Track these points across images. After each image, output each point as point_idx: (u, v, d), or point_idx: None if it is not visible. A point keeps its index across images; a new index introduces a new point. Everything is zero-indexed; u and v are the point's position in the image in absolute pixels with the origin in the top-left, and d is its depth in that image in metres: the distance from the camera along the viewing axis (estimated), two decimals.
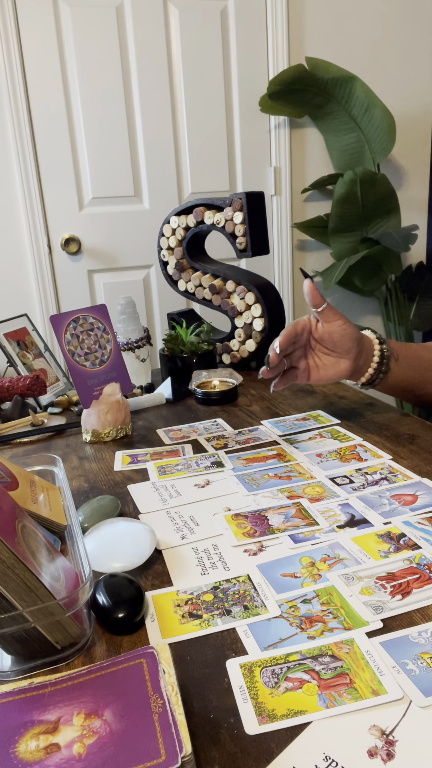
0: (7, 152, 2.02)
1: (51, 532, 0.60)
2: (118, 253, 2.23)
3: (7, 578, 0.41)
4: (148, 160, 2.17)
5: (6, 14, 1.92)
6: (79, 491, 0.74)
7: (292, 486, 0.69)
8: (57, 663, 0.44)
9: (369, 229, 2.15)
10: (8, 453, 0.89)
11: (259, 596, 0.50)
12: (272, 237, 2.36)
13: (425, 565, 0.52)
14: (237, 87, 2.19)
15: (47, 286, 2.16)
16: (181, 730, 0.34)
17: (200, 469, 0.76)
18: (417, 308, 2.36)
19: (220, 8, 2.12)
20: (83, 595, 0.43)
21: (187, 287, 1.31)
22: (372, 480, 0.69)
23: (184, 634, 0.46)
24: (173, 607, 0.50)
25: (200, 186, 2.24)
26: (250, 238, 1.15)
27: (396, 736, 0.36)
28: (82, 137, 2.08)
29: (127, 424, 0.92)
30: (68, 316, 0.94)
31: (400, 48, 2.28)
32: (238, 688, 0.40)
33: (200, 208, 1.23)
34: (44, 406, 1.08)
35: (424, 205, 2.47)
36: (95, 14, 2.01)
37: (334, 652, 0.43)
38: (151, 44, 2.07)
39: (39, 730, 0.35)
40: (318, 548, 0.56)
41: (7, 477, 0.61)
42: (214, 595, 0.50)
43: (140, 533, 0.57)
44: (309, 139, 2.28)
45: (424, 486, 0.66)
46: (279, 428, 0.89)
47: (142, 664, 0.39)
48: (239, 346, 1.24)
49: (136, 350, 1.16)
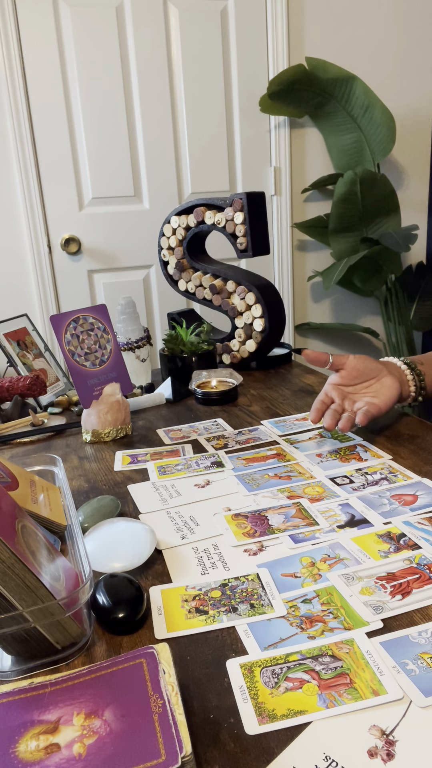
0: (7, 152, 2.02)
1: (51, 532, 0.60)
2: (118, 253, 2.23)
3: (7, 578, 0.41)
4: (148, 160, 2.17)
5: (6, 14, 1.92)
6: (79, 491, 0.74)
7: (292, 486, 0.69)
8: (57, 663, 0.44)
9: (369, 229, 2.15)
10: (8, 453, 0.89)
11: (266, 595, 0.50)
12: (272, 237, 2.35)
13: (425, 565, 0.52)
14: (237, 87, 2.19)
15: (47, 286, 2.16)
16: (181, 730, 0.34)
17: (200, 469, 0.76)
18: (417, 308, 2.36)
19: (220, 8, 2.12)
20: (83, 595, 0.43)
21: (188, 287, 1.31)
22: (372, 480, 0.69)
23: (189, 628, 0.46)
24: (181, 601, 0.50)
25: (200, 186, 2.24)
26: (251, 238, 1.15)
27: (396, 736, 0.36)
28: (82, 137, 2.08)
29: (127, 424, 0.92)
30: (68, 316, 0.94)
31: (400, 48, 2.28)
32: (238, 688, 0.40)
33: (201, 208, 1.23)
34: (44, 406, 1.08)
35: (424, 205, 2.47)
36: (95, 14, 2.00)
37: (334, 652, 0.43)
38: (151, 44, 2.07)
39: (39, 730, 0.35)
40: (318, 548, 0.56)
41: (7, 477, 0.61)
42: (221, 592, 0.51)
43: (140, 533, 0.57)
44: (309, 139, 2.28)
45: (424, 486, 0.66)
46: (279, 428, 0.89)
47: (142, 664, 0.39)
48: (239, 347, 1.24)
49: (136, 350, 1.16)
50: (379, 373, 0.82)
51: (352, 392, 0.83)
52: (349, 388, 0.83)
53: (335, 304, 2.49)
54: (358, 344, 2.56)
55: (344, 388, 0.83)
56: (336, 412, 0.78)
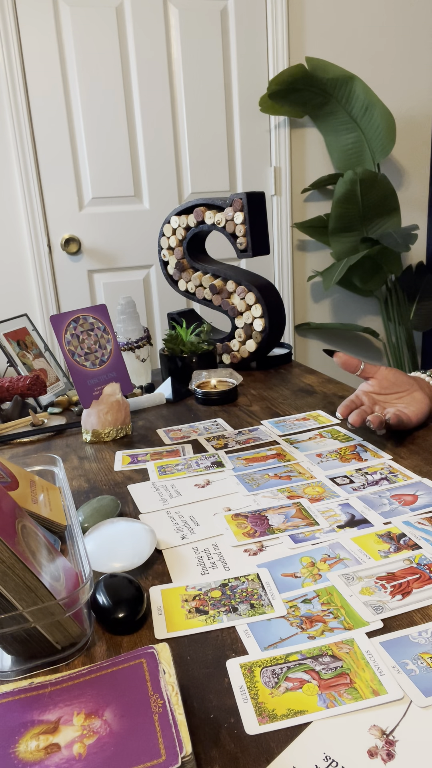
0: (7, 152, 2.02)
1: (51, 532, 0.60)
2: (118, 253, 2.23)
3: (7, 578, 0.41)
4: (148, 160, 2.17)
5: (6, 14, 1.92)
6: (79, 491, 0.74)
7: (292, 486, 0.69)
8: (57, 663, 0.44)
9: (369, 229, 2.15)
10: (8, 453, 0.89)
11: (266, 595, 0.50)
12: (272, 237, 2.35)
13: (425, 565, 0.52)
14: (237, 87, 2.19)
15: (47, 286, 2.16)
16: (182, 730, 0.34)
17: (200, 469, 0.76)
18: (417, 308, 2.36)
19: (220, 8, 2.12)
20: (83, 595, 0.43)
21: (188, 287, 1.31)
22: (372, 480, 0.69)
23: (189, 628, 0.46)
24: (181, 601, 0.50)
25: (200, 186, 2.24)
26: (251, 238, 1.15)
27: (396, 736, 0.36)
28: (82, 137, 2.08)
29: (127, 424, 0.92)
30: (68, 316, 0.94)
31: (400, 48, 2.28)
32: (239, 688, 0.40)
33: (201, 208, 1.23)
34: (44, 406, 1.08)
35: (424, 205, 2.47)
36: (95, 14, 2.00)
37: (334, 652, 0.43)
38: (151, 44, 2.07)
39: (39, 730, 0.35)
40: (318, 548, 0.56)
41: (7, 477, 0.61)
42: (222, 592, 0.51)
43: (140, 533, 0.57)
44: (309, 139, 2.28)
45: (424, 486, 0.66)
46: (279, 428, 0.89)
47: (142, 664, 0.39)
48: (239, 347, 1.24)
49: (136, 350, 1.16)
50: (410, 387, 0.83)
51: (383, 401, 0.83)
52: (380, 396, 0.83)
53: (335, 304, 2.49)
54: (358, 344, 2.56)
55: (375, 395, 0.83)
56: (364, 411, 0.77)
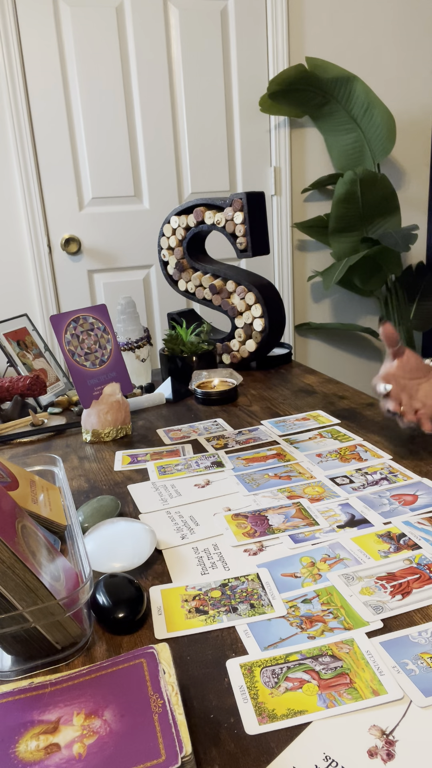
0: (7, 152, 2.02)
1: (51, 532, 0.60)
2: (118, 253, 2.23)
3: (7, 578, 0.41)
4: (148, 160, 2.17)
5: (6, 14, 1.92)
6: (79, 491, 0.74)
7: (292, 486, 0.69)
8: (57, 663, 0.44)
9: (369, 229, 2.15)
10: (8, 453, 0.89)
11: (266, 595, 0.50)
12: (272, 237, 2.35)
13: (425, 565, 0.52)
14: (237, 87, 2.19)
15: (47, 286, 2.16)
16: (181, 730, 0.34)
17: (200, 469, 0.76)
18: (417, 308, 2.36)
19: (220, 8, 2.12)
20: (83, 595, 0.43)
21: (188, 287, 1.31)
22: (372, 480, 0.69)
23: (189, 628, 0.46)
24: (181, 601, 0.50)
25: (200, 186, 2.24)
26: (251, 238, 1.15)
27: (396, 736, 0.36)
28: (82, 137, 2.08)
29: (127, 424, 0.92)
30: (68, 316, 0.94)
31: (400, 48, 2.28)
32: (238, 688, 0.40)
33: (201, 208, 1.22)
34: (44, 406, 1.08)
35: (424, 205, 2.47)
36: (95, 14, 2.00)
37: (334, 652, 0.43)
38: (151, 44, 2.07)
39: (39, 730, 0.35)
40: (318, 548, 0.56)
41: (7, 477, 0.61)
42: (221, 592, 0.51)
43: (140, 533, 0.57)
44: (309, 139, 2.28)
45: (424, 486, 0.66)
46: (279, 428, 0.89)
47: (142, 664, 0.39)
48: (239, 346, 1.24)
49: (136, 350, 1.16)
50: (429, 372, 0.84)
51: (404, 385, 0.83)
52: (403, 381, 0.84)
53: (335, 304, 2.49)
54: (358, 344, 2.56)
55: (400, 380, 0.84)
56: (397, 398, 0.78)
